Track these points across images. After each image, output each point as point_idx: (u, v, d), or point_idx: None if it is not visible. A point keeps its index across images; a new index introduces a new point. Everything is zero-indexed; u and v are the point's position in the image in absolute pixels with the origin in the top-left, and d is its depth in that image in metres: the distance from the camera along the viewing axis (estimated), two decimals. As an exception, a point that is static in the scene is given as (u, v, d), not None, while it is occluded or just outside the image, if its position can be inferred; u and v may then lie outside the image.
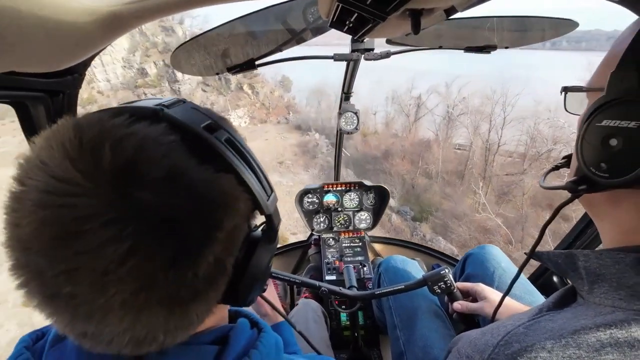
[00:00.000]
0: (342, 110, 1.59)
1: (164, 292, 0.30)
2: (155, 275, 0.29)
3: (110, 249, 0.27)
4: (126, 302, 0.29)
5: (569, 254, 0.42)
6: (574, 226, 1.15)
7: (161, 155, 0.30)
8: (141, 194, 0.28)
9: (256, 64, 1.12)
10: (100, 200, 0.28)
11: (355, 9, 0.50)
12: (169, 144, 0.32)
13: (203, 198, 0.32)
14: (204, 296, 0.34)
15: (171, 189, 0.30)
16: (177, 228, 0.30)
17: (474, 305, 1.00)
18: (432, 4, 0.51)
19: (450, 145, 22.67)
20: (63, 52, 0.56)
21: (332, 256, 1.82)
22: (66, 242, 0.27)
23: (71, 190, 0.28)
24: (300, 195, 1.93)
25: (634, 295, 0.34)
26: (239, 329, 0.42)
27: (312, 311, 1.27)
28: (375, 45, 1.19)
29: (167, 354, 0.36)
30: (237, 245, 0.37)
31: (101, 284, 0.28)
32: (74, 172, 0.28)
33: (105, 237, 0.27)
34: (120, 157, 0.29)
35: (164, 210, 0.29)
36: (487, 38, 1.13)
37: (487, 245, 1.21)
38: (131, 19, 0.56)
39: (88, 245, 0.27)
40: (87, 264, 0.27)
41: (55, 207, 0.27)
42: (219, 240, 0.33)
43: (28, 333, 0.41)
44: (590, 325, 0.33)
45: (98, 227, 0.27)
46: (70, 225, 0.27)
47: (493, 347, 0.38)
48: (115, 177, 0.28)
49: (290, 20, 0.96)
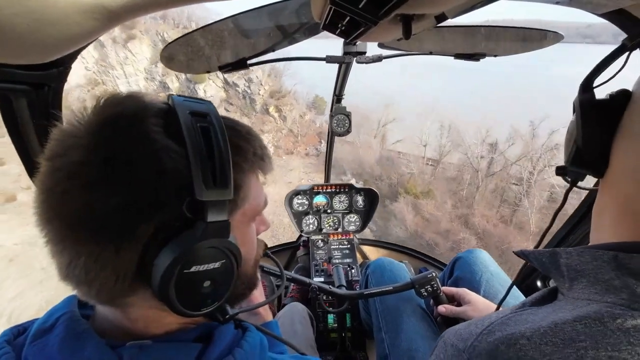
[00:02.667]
0: (333, 113, 1.60)
1: (64, 207, 0.34)
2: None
3: (67, 158, 0.34)
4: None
5: (552, 252, 0.44)
6: (562, 225, 1.17)
7: (129, 106, 0.37)
8: (101, 127, 0.35)
9: (248, 64, 1.12)
10: (85, 126, 0.36)
11: (348, 13, 0.51)
12: (147, 102, 0.38)
13: (134, 137, 0.35)
14: (104, 243, 0.34)
15: (119, 127, 0.35)
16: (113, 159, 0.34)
17: (458, 309, 1.02)
18: (423, 10, 0.52)
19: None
20: (48, 44, 0.55)
21: (321, 258, 1.81)
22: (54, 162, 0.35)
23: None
24: (290, 197, 1.92)
25: (608, 289, 0.36)
26: (222, 327, 0.42)
27: (299, 313, 1.26)
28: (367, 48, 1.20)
29: (147, 349, 0.36)
30: (151, 210, 0.35)
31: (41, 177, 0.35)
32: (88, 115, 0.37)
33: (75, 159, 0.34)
34: (110, 101, 0.37)
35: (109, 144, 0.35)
36: (476, 45, 1.16)
37: (475, 249, 1.23)
38: (120, 12, 0.55)
39: (60, 150, 0.35)
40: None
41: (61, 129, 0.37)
42: (129, 182, 0.34)
43: (10, 327, 0.41)
44: (568, 317, 0.35)
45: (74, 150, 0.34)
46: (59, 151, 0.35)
47: (476, 336, 0.40)
48: (98, 119, 0.36)
49: (284, 20, 0.96)
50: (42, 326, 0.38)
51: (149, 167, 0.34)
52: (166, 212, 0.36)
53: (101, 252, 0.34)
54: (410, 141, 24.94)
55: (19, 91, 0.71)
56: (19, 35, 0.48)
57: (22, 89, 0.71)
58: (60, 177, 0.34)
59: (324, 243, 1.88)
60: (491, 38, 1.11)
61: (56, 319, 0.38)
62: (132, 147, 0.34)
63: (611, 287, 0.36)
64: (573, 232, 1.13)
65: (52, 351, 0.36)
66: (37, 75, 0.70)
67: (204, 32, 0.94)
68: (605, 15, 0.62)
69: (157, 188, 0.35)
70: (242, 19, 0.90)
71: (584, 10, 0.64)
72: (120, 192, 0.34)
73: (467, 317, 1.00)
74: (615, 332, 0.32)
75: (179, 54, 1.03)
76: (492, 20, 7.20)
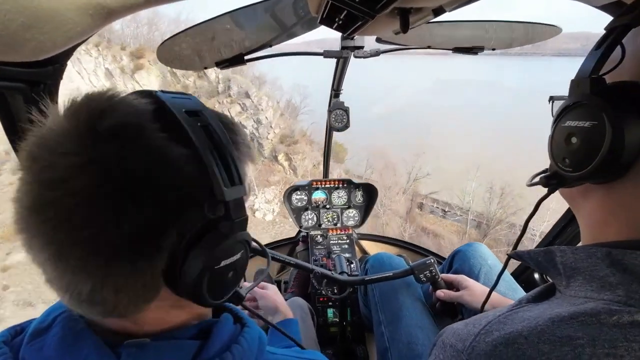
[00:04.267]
0: (331, 108, 1.60)
1: (85, 233, 0.31)
2: (94, 212, 0.31)
3: (54, 173, 0.31)
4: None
5: (547, 251, 0.44)
6: (553, 225, 1.19)
7: (125, 114, 0.34)
8: (101, 143, 0.32)
9: (245, 59, 1.11)
10: (73, 140, 0.32)
11: (345, 6, 0.50)
12: (138, 106, 0.35)
13: (143, 150, 0.33)
14: (133, 261, 0.34)
15: (124, 141, 0.33)
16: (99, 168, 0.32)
17: (456, 293, 1.06)
18: (421, 3, 0.52)
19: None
20: (43, 41, 0.54)
21: (320, 253, 1.82)
22: (30, 169, 0.32)
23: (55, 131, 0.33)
24: (289, 192, 1.92)
25: (603, 286, 0.36)
26: (221, 323, 0.42)
27: (299, 308, 1.27)
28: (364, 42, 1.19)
29: (146, 348, 0.36)
30: (176, 219, 0.35)
31: (37, 204, 0.31)
32: (63, 122, 0.33)
33: (69, 171, 0.31)
34: (95, 110, 0.33)
35: (112, 155, 0.32)
36: (474, 39, 1.15)
37: (474, 243, 1.26)
38: (116, 8, 0.54)
39: (57, 174, 0.31)
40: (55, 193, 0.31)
41: (40, 144, 0.33)
42: (151, 197, 0.33)
43: (7, 328, 0.40)
44: (565, 314, 0.35)
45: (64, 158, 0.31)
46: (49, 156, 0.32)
47: (474, 336, 0.40)
48: (86, 124, 0.33)
49: (281, 15, 0.95)
50: (39, 326, 0.38)
51: (168, 178, 0.34)
52: (190, 218, 0.36)
53: (132, 270, 0.34)
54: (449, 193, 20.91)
55: (14, 89, 0.70)
56: (13, 32, 0.47)
57: (17, 87, 0.70)
58: (72, 204, 0.31)
59: (323, 238, 1.89)
60: (489, 31, 1.11)
61: (53, 319, 0.38)
62: (145, 161, 0.33)
63: (607, 284, 0.36)
64: (561, 234, 1.15)
65: (49, 350, 0.35)
66: (32, 72, 0.69)
67: (200, 29, 0.93)
68: (604, 7, 0.62)
69: (179, 197, 0.35)
70: (239, 14, 0.89)
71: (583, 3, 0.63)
72: (144, 209, 0.33)
73: (463, 301, 1.03)
74: (611, 329, 0.32)
75: (176, 51, 1.03)
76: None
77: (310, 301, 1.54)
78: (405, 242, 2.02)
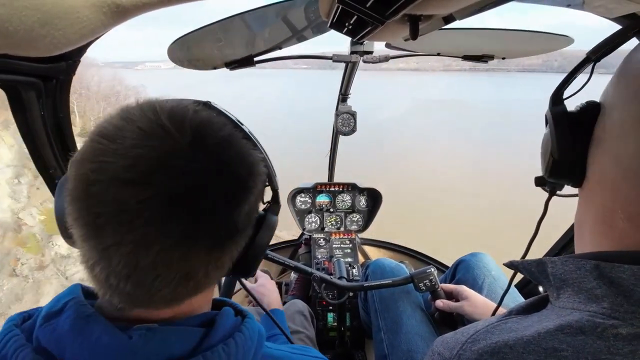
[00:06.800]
0: (338, 112, 1.60)
1: (211, 224, 0.37)
2: (206, 207, 0.36)
3: (181, 180, 0.35)
4: (178, 231, 0.35)
5: (539, 262, 0.44)
6: (562, 235, 1.16)
7: (222, 124, 0.41)
8: (208, 143, 0.38)
9: (255, 60, 1.12)
10: (181, 143, 0.36)
11: (355, 12, 0.50)
12: (223, 120, 0.42)
13: (245, 157, 0.41)
14: (234, 241, 0.41)
15: (226, 145, 0.39)
16: (228, 172, 0.38)
17: (455, 304, 1.04)
18: (431, 11, 0.52)
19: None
20: (57, 37, 0.55)
21: (322, 256, 1.82)
22: (154, 171, 0.34)
23: (162, 133, 0.36)
24: (293, 195, 1.92)
25: (590, 298, 0.36)
26: (224, 314, 0.44)
27: (299, 310, 1.27)
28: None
29: (155, 331, 0.38)
30: (258, 207, 0.45)
31: (164, 211, 0.34)
32: (166, 123, 0.36)
33: (179, 169, 0.35)
34: (198, 118, 0.39)
35: (219, 157, 0.38)
36: (485, 48, 1.15)
37: (479, 252, 1.23)
38: (129, 7, 0.55)
39: (167, 173, 0.34)
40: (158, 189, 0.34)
41: (149, 146, 0.35)
42: (253, 192, 0.41)
43: (16, 314, 0.43)
44: (551, 326, 0.35)
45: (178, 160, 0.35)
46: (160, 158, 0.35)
47: (461, 344, 0.40)
48: (194, 130, 0.37)
49: (291, 18, 0.96)
50: (51, 310, 0.40)
51: (261, 177, 0.43)
52: (259, 204, 0.46)
53: (226, 254, 0.41)
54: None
55: (28, 83, 0.72)
56: (29, 28, 0.48)
57: (30, 82, 0.72)
58: (200, 197, 0.36)
59: (326, 242, 1.88)
60: (500, 41, 1.10)
61: (64, 304, 0.40)
62: (248, 165, 0.41)
63: (593, 296, 0.36)
64: (570, 244, 1.13)
65: (62, 331, 0.37)
66: (45, 68, 0.71)
67: (211, 29, 0.94)
68: (618, 19, 0.61)
69: (262, 191, 0.45)
70: (250, 16, 0.90)
71: (596, 14, 0.63)
72: (248, 200, 0.40)
73: (463, 312, 1.01)
74: (595, 342, 0.32)
75: (186, 50, 1.04)
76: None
77: (311, 304, 1.53)
78: (408, 248, 2.00)
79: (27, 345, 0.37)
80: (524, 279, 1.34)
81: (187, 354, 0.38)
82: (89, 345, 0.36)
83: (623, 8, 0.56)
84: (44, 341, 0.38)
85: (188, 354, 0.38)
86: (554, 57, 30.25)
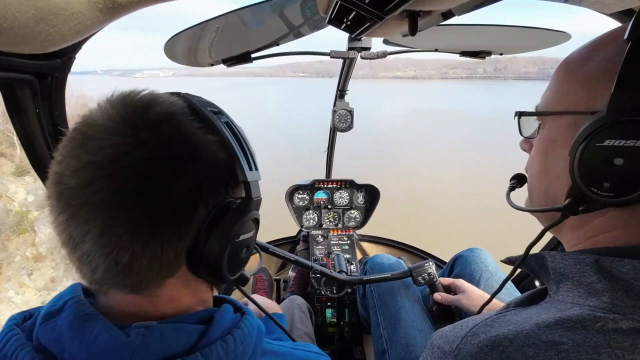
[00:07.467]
0: (336, 108, 1.60)
1: (139, 199, 0.36)
2: (128, 181, 0.36)
3: (110, 149, 0.36)
4: (106, 199, 0.36)
5: (539, 256, 0.44)
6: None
7: (166, 104, 0.41)
8: (135, 119, 0.38)
9: (252, 57, 1.11)
10: (113, 117, 0.38)
11: (354, 7, 0.50)
12: (174, 102, 0.42)
13: (184, 135, 0.40)
14: (172, 229, 0.38)
15: (162, 120, 0.39)
16: (155, 147, 0.37)
17: (453, 297, 1.05)
18: (430, 7, 0.51)
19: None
20: (52, 34, 0.54)
21: (320, 253, 1.82)
22: (84, 143, 0.36)
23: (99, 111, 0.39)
24: (291, 192, 1.92)
25: (590, 293, 0.36)
26: (223, 311, 0.45)
27: (298, 306, 1.27)
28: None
29: (153, 329, 0.38)
30: (207, 195, 0.41)
31: (94, 176, 0.35)
32: (109, 109, 0.39)
33: (111, 142, 0.36)
34: (144, 99, 0.40)
35: (148, 131, 0.37)
36: (483, 44, 1.15)
37: (476, 248, 1.24)
38: (125, 3, 0.54)
39: (97, 145, 0.36)
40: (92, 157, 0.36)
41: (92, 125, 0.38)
42: (190, 175, 0.39)
43: (17, 313, 0.43)
44: (550, 319, 0.36)
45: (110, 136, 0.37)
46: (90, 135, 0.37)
47: (461, 338, 0.40)
48: (131, 108, 0.39)
49: (288, 14, 0.95)
50: (50, 309, 0.40)
51: (203, 159, 0.40)
52: (218, 195, 0.43)
53: (167, 238, 0.38)
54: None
55: (23, 81, 0.71)
56: (23, 24, 0.47)
57: (25, 79, 0.71)
58: (127, 175, 0.36)
59: (324, 238, 1.89)
60: (497, 37, 1.10)
61: (64, 303, 0.40)
62: (185, 143, 0.39)
63: (593, 290, 0.36)
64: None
65: (62, 330, 0.38)
66: (40, 64, 0.70)
67: (208, 26, 0.93)
68: (615, 15, 0.62)
69: (213, 175, 0.41)
70: (247, 12, 0.89)
71: (593, 10, 0.63)
72: (186, 182, 0.38)
73: (461, 305, 1.02)
74: (595, 335, 0.33)
75: (183, 47, 1.03)
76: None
77: (310, 301, 1.54)
78: (406, 244, 2.01)
79: (27, 344, 0.37)
80: (521, 274, 1.36)
81: (185, 352, 0.38)
82: (87, 343, 0.36)
83: (620, 4, 0.56)
84: (43, 340, 0.38)
85: (186, 352, 0.38)
86: (550, 65, 30.13)
